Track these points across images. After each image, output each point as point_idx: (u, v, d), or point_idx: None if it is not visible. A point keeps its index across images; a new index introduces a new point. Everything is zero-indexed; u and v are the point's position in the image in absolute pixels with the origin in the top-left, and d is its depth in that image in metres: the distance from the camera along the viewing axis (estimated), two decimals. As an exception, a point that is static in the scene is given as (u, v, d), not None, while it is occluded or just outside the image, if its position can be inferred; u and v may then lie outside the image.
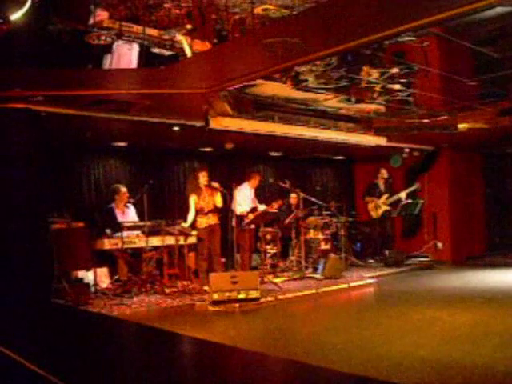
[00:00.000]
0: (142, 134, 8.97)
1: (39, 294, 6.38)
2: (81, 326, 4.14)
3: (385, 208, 11.27)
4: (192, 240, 8.67)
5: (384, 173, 11.46)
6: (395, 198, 11.16)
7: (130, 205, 8.72)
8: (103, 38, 5.55)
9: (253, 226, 9.48)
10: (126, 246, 7.95)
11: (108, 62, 6.20)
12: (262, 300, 7.41)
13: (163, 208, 10.03)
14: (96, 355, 3.08)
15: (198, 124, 7.80)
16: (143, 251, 8.18)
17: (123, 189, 8.75)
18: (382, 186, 11.44)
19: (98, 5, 5.55)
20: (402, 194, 11.12)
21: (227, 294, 7.15)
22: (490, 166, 13.00)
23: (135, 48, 6.04)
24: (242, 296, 7.20)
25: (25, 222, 6.42)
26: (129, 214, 8.69)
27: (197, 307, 7.23)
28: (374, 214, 11.40)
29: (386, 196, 11.28)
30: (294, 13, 5.59)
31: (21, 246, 6.36)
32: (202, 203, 8.58)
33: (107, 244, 7.94)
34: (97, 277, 7.81)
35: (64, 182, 8.94)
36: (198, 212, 8.60)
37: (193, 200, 8.60)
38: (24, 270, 6.29)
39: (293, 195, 10.37)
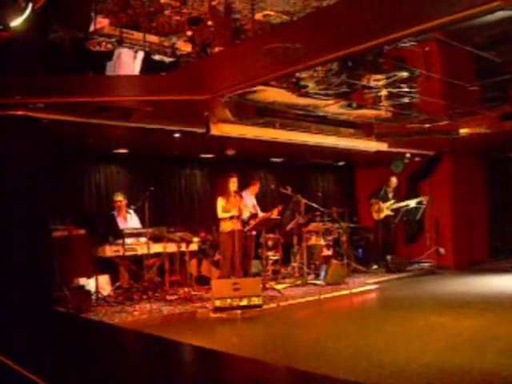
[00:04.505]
0: (143, 141, 8.96)
1: (41, 301, 6.35)
2: (82, 333, 4.12)
3: (387, 212, 11.28)
4: (193, 247, 8.64)
5: (394, 182, 11.54)
6: (402, 204, 11.15)
7: (131, 211, 8.69)
8: (103, 44, 5.56)
9: (254, 233, 9.44)
10: (127, 253, 7.92)
11: (111, 69, 6.21)
12: (264, 307, 7.36)
13: (164, 215, 9.99)
14: (97, 363, 3.06)
15: (199, 130, 7.79)
16: (145, 258, 8.15)
17: (119, 197, 8.74)
18: (390, 193, 11.49)
19: (99, 12, 5.55)
20: (411, 202, 11.08)
21: (229, 300, 7.12)
22: (492, 170, 12.97)
23: (139, 55, 6.05)
24: (244, 303, 7.17)
25: (26, 229, 6.40)
26: (131, 221, 8.66)
27: (199, 314, 7.20)
28: (375, 216, 11.45)
29: (391, 202, 11.28)
30: (295, 19, 5.60)
31: (22, 254, 6.33)
32: (228, 208, 8.54)
33: (108, 251, 7.92)
34: (98, 284, 7.77)
35: (65, 189, 8.91)
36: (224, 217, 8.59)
37: (220, 203, 8.58)
38: (25, 278, 6.26)
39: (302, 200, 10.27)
